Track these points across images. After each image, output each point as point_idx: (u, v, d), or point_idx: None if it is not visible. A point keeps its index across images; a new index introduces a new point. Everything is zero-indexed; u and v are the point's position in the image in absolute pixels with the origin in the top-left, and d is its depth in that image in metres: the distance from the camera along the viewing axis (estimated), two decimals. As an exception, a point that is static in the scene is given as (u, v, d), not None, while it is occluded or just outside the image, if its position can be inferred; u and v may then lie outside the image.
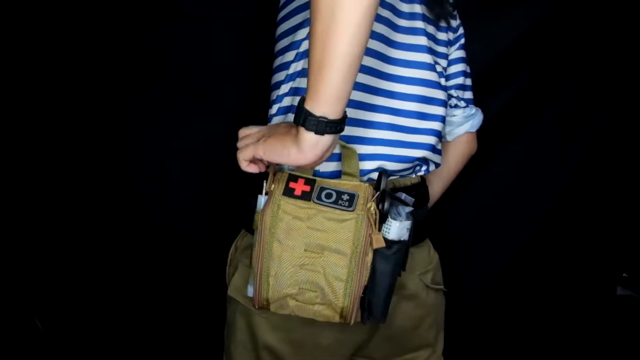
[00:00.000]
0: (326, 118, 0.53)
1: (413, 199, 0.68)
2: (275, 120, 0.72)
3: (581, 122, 1.16)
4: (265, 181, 0.66)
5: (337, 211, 0.61)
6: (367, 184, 0.63)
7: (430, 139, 0.73)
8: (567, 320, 1.34)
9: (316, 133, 0.54)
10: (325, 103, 0.53)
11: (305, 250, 0.61)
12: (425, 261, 0.77)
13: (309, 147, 0.55)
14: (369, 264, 0.61)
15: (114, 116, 1.05)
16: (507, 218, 1.21)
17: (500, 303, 1.28)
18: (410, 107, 0.71)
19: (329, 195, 0.62)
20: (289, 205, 0.61)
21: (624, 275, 1.48)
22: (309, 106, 0.53)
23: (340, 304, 0.61)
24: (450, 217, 1.17)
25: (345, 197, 0.61)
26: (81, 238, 1.10)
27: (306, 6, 0.67)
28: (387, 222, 0.63)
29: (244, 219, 0.74)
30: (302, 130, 0.54)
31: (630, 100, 1.18)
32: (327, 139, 0.55)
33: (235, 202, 0.80)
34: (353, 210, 0.60)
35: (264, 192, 0.66)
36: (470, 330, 1.26)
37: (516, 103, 1.15)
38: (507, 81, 1.14)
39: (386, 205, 0.62)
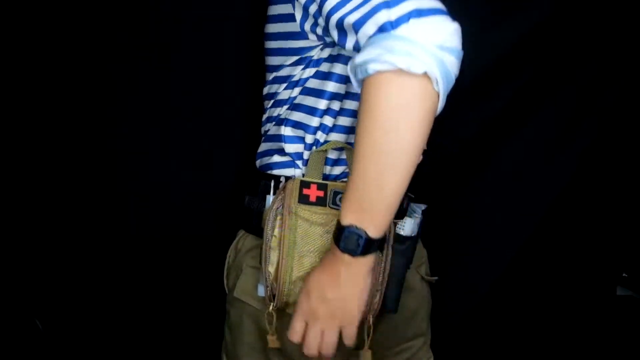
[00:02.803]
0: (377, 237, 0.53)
1: (413, 196, 0.69)
2: (274, 130, 0.71)
3: (581, 122, 1.16)
4: (271, 184, 0.67)
5: None
6: None
7: None
8: (567, 320, 1.34)
9: (373, 251, 0.54)
10: (386, 225, 0.53)
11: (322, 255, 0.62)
12: (419, 254, 0.79)
13: (370, 272, 0.56)
14: (388, 263, 0.63)
15: (113, 116, 1.05)
16: (506, 218, 1.21)
17: (499, 303, 1.28)
18: None
19: None
20: (306, 212, 0.63)
21: (624, 275, 1.48)
22: (369, 230, 0.52)
23: None
24: (450, 216, 1.17)
25: None
26: (80, 238, 1.10)
27: (301, 51, 0.66)
28: (402, 219, 0.64)
29: (244, 219, 0.74)
30: (365, 257, 0.53)
31: (630, 100, 1.17)
32: None
33: (235, 202, 0.80)
34: None
35: (271, 192, 0.67)
36: (469, 330, 1.26)
37: (516, 103, 1.15)
38: (506, 81, 1.14)
39: (405, 204, 0.64)
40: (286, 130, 0.68)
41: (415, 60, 0.47)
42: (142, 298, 1.14)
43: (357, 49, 0.53)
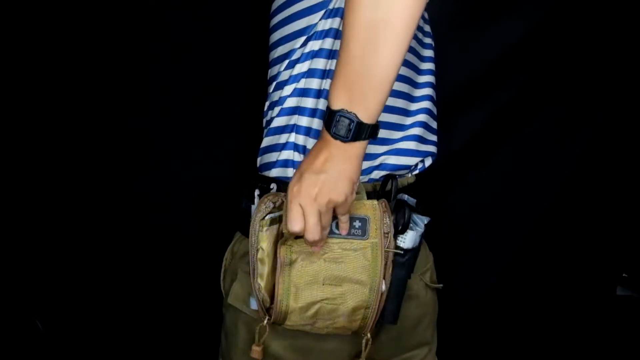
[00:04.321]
0: (372, 124, 0.52)
1: (415, 200, 0.68)
2: (277, 122, 0.71)
3: (581, 122, 1.16)
4: (268, 189, 0.66)
5: (351, 241, 0.61)
6: (376, 203, 0.62)
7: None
8: (567, 320, 1.34)
9: (365, 138, 0.52)
10: (376, 109, 0.52)
11: (323, 283, 0.61)
12: (424, 261, 0.77)
13: (361, 157, 0.54)
14: (386, 287, 0.61)
15: (113, 117, 1.05)
16: (506, 218, 1.21)
17: (499, 303, 1.28)
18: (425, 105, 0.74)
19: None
20: (303, 245, 0.60)
21: (624, 275, 1.48)
22: (360, 114, 0.51)
23: (356, 326, 0.62)
24: (450, 216, 1.17)
25: (357, 224, 0.61)
26: (80, 239, 1.10)
27: (309, 11, 0.67)
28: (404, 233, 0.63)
29: (240, 222, 0.74)
30: (356, 142, 0.52)
31: (630, 100, 1.17)
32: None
33: (232, 204, 0.79)
34: (367, 239, 0.60)
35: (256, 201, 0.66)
36: (469, 330, 1.26)
37: (515, 102, 1.15)
38: (507, 80, 1.14)
39: (406, 216, 0.63)
40: (300, 120, 0.67)
41: None
42: (142, 299, 1.14)
43: None
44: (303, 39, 0.67)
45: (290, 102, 0.69)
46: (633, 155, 1.24)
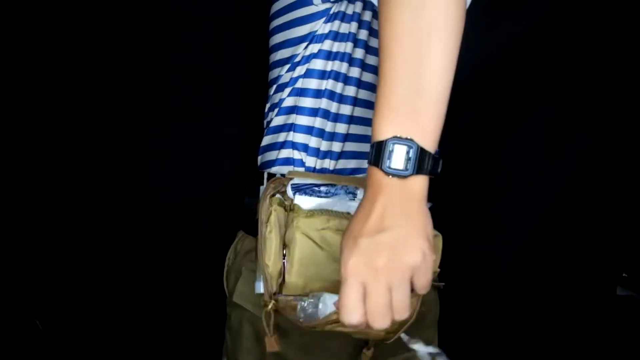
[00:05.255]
0: (432, 152, 0.42)
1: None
2: (276, 121, 0.71)
3: (581, 121, 1.16)
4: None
5: None
6: None
7: None
8: (567, 320, 1.33)
9: (427, 171, 0.42)
10: (435, 132, 0.42)
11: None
12: None
13: (425, 199, 0.43)
14: None
15: (113, 116, 1.05)
16: (506, 217, 1.21)
17: (499, 303, 1.28)
18: None
19: None
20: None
21: (624, 275, 1.48)
22: (418, 139, 0.41)
23: None
24: (450, 216, 1.16)
25: None
26: (80, 238, 1.10)
27: (310, 18, 0.67)
28: None
29: (243, 220, 0.74)
30: (418, 177, 0.42)
31: (630, 100, 1.17)
32: None
33: (233, 204, 0.80)
34: None
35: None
36: (469, 329, 1.26)
37: (515, 102, 1.15)
38: (507, 80, 1.14)
39: None
40: (298, 119, 0.68)
41: None
42: (143, 298, 1.14)
43: None
44: (305, 44, 0.68)
45: (288, 102, 0.70)
46: (633, 155, 1.24)
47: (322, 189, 0.64)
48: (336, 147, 0.68)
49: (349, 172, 0.69)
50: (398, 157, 0.41)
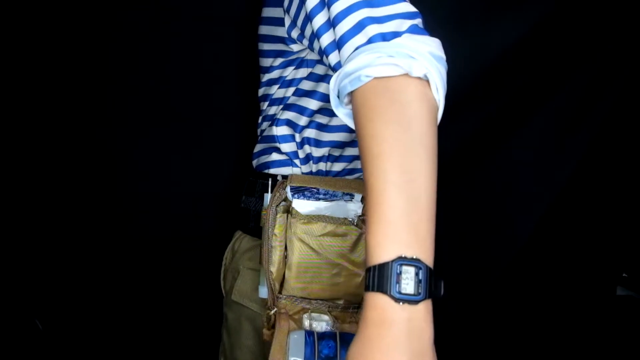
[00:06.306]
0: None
1: None
2: (269, 131, 0.72)
3: (581, 121, 1.16)
4: (268, 183, 0.67)
5: None
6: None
7: None
8: (567, 320, 1.33)
9: (434, 292, 0.39)
10: (431, 245, 0.40)
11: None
12: None
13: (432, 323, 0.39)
14: None
15: (113, 117, 1.05)
16: (506, 217, 1.21)
17: (499, 303, 1.28)
18: None
19: None
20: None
21: (624, 275, 1.48)
22: (423, 258, 0.38)
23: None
24: (449, 216, 1.16)
25: None
26: (79, 238, 1.10)
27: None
28: None
29: (240, 220, 0.74)
30: (427, 302, 0.38)
31: (630, 100, 1.17)
32: None
33: (231, 203, 0.80)
34: None
35: (269, 191, 0.67)
36: (469, 329, 1.25)
37: (515, 102, 1.15)
38: (507, 80, 1.14)
39: None
40: (278, 130, 0.69)
41: (417, 63, 0.42)
42: (141, 299, 1.14)
43: (336, 69, 0.48)
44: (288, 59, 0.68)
45: (281, 115, 0.70)
46: (633, 155, 1.24)
47: (321, 190, 0.64)
48: (333, 152, 0.69)
49: (345, 173, 0.70)
50: (407, 281, 0.37)
